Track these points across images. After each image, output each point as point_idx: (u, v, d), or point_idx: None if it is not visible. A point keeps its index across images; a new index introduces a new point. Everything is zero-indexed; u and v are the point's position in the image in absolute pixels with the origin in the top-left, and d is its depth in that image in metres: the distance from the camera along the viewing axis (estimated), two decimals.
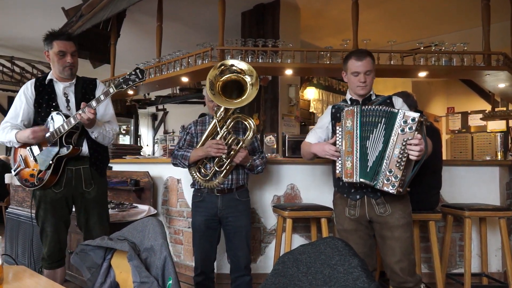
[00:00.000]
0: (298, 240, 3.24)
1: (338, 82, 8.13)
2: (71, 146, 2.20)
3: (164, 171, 3.64)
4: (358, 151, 1.96)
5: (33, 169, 2.26)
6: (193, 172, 2.41)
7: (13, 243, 3.60)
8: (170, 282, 1.13)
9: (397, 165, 1.85)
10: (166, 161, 3.76)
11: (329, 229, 2.84)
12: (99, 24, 4.85)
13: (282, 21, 5.56)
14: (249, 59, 3.97)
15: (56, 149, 2.20)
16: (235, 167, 2.37)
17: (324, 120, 2.34)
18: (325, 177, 3.26)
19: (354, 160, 1.97)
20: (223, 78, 2.29)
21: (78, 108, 2.26)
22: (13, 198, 3.84)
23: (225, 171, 2.31)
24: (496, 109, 7.47)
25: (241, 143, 2.29)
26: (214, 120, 2.32)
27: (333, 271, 1.03)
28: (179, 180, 3.50)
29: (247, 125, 2.32)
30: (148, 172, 3.59)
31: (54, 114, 2.23)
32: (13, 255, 3.58)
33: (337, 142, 2.07)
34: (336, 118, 2.21)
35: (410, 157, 1.86)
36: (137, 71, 2.06)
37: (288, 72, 4.22)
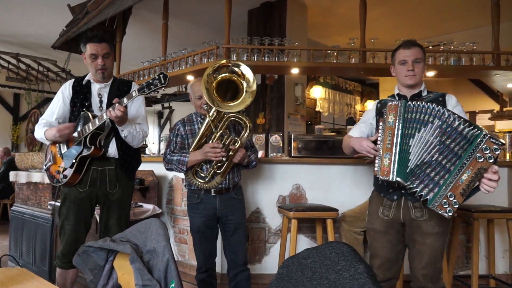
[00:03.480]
0: (304, 241, 3.22)
1: (345, 81, 8.09)
2: (92, 147, 2.20)
3: None
4: (398, 148, 1.82)
5: (59, 166, 2.31)
6: (190, 176, 2.36)
7: (18, 241, 3.61)
8: (173, 285, 1.11)
9: (462, 192, 1.68)
10: None
11: (335, 230, 2.82)
12: (104, 22, 4.85)
13: (289, 19, 5.53)
14: (255, 57, 3.95)
15: (80, 148, 2.22)
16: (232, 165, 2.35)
17: (369, 115, 2.22)
18: (331, 177, 3.24)
19: (393, 158, 1.83)
20: (220, 77, 2.22)
21: None
22: (17, 196, 3.85)
23: (222, 171, 2.29)
24: (505, 109, 7.38)
25: (239, 142, 2.26)
26: (207, 120, 2.26)
27: (338, 276, 1.01)
28: (184, 179, 3.48)
29: (243, 123, 2.28)
30: (153, 171, 3.59)
31: (84, 113, 2.25)
32: (18, 253, 3.59)
33: (379, 139, 1.93)
34: (380, 114, 2.07)
35: (482, 190, 1.70)
36: (161, 76, 2.04)
37: (295, 71, 4.18)
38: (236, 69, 2.24)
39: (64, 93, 2.37)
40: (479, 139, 1.66)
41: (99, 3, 4.55)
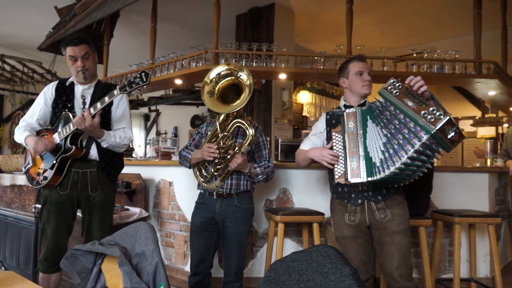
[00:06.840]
0: (290, 245, 3.24)
1: (331, 86, 8.17)
2: (73, 147, 2.19)
3: (156, 174, 3.62)
4: (363, 150, 1.95)
5: (39, 168, 2.29)
6: (196, 172, 2.43)
7: (0, 245, 3.55)
8: None
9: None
10: (158, 164, 3.74)
11: (321, 233, 2.85)
12: (92, 24, 4.82)
13: (277, 24, 5.58)
14: (244, 62, 3.98)
15: (61, 148, 2.21)
16: (236, 172, 2.34)
17: (319, 127, 2.32)
18: (317, 182, 3.27)
19: (360, 159, 1.95)
20: (218, 86, 2.31)
21: None
22: (1, 199, 3.79)
23: (222, 175, 2.30)
24: (486, 116, 7.56)
25: (236, 148, 2.27)
26: (216, 123, 2.31)
27: (325, 279, 1.03)
28: (171, 183, 3.48)
29: (246, 131, 2.28)
30: (140, 174, 3.57)
31: (64, 114, 2.24)
32: (1, 257, 3.52)
33: (334, 147, 2.08)
34: (331, 125, 2.21)
35: None
36: (142, 74, 2.06)
37: (282, 76, 4.22)
38: (224, 73, 2.31)
39: (46, 95, 2.36)
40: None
41: (87, 6, 4.53)
